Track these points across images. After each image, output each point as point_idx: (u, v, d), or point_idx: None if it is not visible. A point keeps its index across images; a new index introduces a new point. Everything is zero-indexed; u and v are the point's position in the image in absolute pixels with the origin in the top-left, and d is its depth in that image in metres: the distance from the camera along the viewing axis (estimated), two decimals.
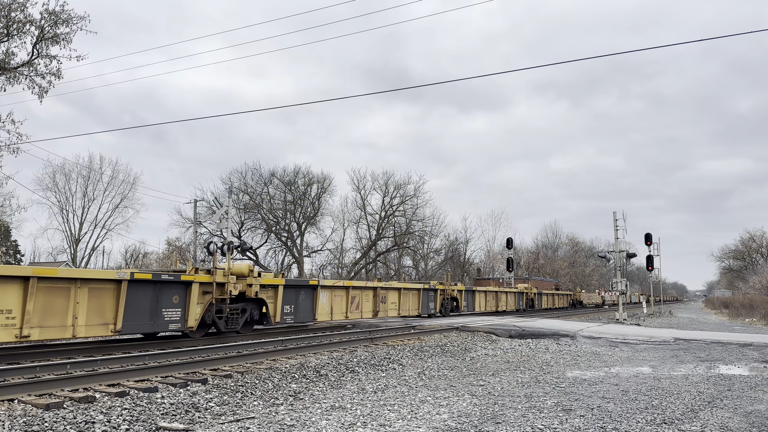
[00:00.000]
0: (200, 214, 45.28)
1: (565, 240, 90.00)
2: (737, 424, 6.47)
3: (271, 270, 49.42)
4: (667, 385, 9.14)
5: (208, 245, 22.43)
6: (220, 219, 34.09)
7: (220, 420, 6.50)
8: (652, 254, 35.22)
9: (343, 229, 55.39)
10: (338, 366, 10.63)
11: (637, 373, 10.64)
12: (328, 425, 6.28)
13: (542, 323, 21.51)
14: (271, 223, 51.26)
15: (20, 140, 21.45)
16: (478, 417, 6.75)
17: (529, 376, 10.17)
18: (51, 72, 21.95)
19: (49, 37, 21.62)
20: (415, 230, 54.94)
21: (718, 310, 57.84)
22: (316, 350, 12.73)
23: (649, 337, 17.09)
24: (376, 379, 9.62)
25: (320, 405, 7.41)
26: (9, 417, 6.24)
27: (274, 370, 9.89)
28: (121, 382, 8.27)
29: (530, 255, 76.39)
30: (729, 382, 9.50)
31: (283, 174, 52.88)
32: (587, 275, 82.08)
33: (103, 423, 6.10)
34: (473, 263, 63.37)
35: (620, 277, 30.68)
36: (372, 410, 7.10)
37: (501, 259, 59.72)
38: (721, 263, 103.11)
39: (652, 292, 53.16)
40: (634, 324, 26.34)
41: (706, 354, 13.77)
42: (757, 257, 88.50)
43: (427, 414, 6.92)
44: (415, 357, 12.45)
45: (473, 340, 16.19)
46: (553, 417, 6.73)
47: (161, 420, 6.40)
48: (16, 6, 20.92)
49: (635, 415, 6.88)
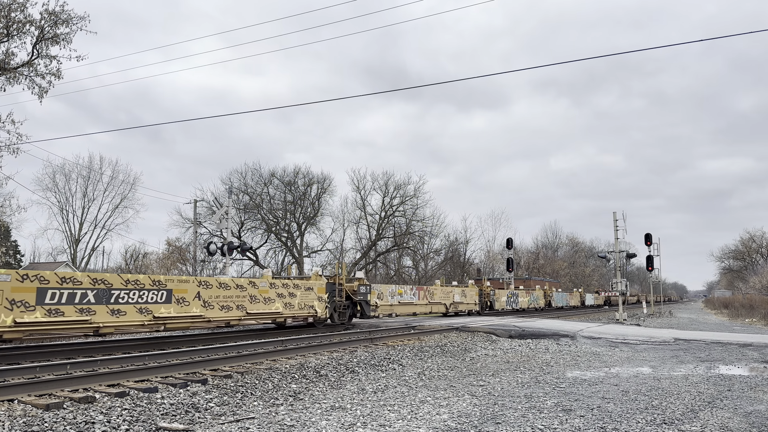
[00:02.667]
0: (200, 215, 45.27)
1: (565, 240, 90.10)
2: (737, 425, 6.47)
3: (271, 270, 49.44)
4: (667, 386, 9.13)
5: (208, 245, 22.41)
6: (220, 219, 34.09)
7: (220, 420, 6.50)
8: (652, 254, 35.18)
9: (343, 229, 55.40)
10: (338, 366, 10.62)
11: (637, 373, 10.64)
12: (328, 425, 6.28)
13: (542, 323, 21.51)
14: (271, 223, 51.26)
15: (20, 140, 21.45)
16: (478, 417, 6.75)
17: (529, 376, 10.17)
18: (51, 72, 21.95)
19: (49, 37, 21.61)
20: (415, 230, 54.95)
21: (718, 310, 57.85)
22: (316, 350, 12.72)
23: (649, 338, 17.09)
24: (376, 380, 9.62)
25: (320, 405, 7.41)
26: (9, 417, 6.24)
27: (274, 370, 9.89)
28: (121, 383, 8.27)
29: (530, 255, 76.39)
30: (729, 383, 9.50)
31: (283, 174, 52.90)
32: (587, 275, 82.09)
33: (103, 423, 6.10)
34: (473, 263, 63.34)
35: (620, 278, 30.67)
36: (372, 410, 7.10)
37: (501, 260, 59.72)
38: (721, 263, 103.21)
39: (652, 292, 53.16)
40: (634, 324, 26.34)
41: (706, 354, 13.77)
42: (757, 257, 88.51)
43: (427, 414, 6.92)
44: (415, 357, 12.45)
45: (473, 341, 16.18)
46: (553, 417, 6.73)
47: (161, 420, 6.39)
48: (16, 6, 20.92)
49: (635, 415, 6.88)
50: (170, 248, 49.62)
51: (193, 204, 41.62)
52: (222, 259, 16.54)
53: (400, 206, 54.45)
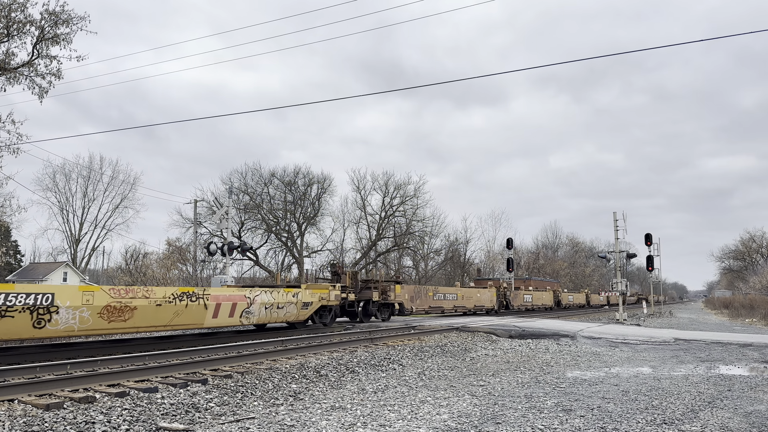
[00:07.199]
0: (200, 215, 45.26)
1: (565, 240, 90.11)
2: (737, 425, 6.47)
3: (272, 270, 49.44)
4: (667, 386, 9.13)
5: (208, 245, 22.42)
6: (221, 219, 34.09)
7: (220, 420, 6.50)
8: (652, 254, 35.12)
9: (343, 229, 55.39)
10: (338, 366, 10.62)
11: (637, 373, 10.64)
12: (329, 425, 6.28)
13: (542, 323, 21.51)
14: (271, 223, 51.25)
15: (20, 140, 21.46)
16: (478, 417, 6.75)
17: (529, 376, 10.17)
18: (51, 72, 21.95)
19: (50, 37, 21.62)
20: (415, 230, 54.94)
21: (718, 310, 57.84)
22: (316, 350, 12.72)
23: (649, 338, 17.09)
24: (376, 380, 9.62)
25: (320, 405, 7.41)
26: (9, 417, 6.24)
27: (274, 370, 9.89)
28: (122, 383, 8.27)
29: (530, 255, 76.40)
30: (729, 383, 9.50)
31: (283, 174, 52.89)
32: (587, 275, 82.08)
33: (103, 423, 6.10)
34: (473, 263, 63.35)
35: (620, 278, 30.67)
36: (372, 410, 7.10)
37: (501, 260, 59.72)
38: (721, 263, 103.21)
39: (652, 293, 53.15)
40: (634, 324, 26.34)
41: (706, 354, 13.77)
42: (757, 257, 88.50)
43: (428, 414, 6.92)
44: (415, 357, 12.45)
45: (473, 341, 16.18)
46: (553, 417, 6.73)
47: (161, 420, 6.40)
48: (17, 6, 20.93)
49: (635, 415, 6.88)
50: (170, 248, 49.61)
51: (193, 204, 41.63)
52: (222, 259, 16.56)
53: (401, 206, 54.47)
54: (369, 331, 17.82)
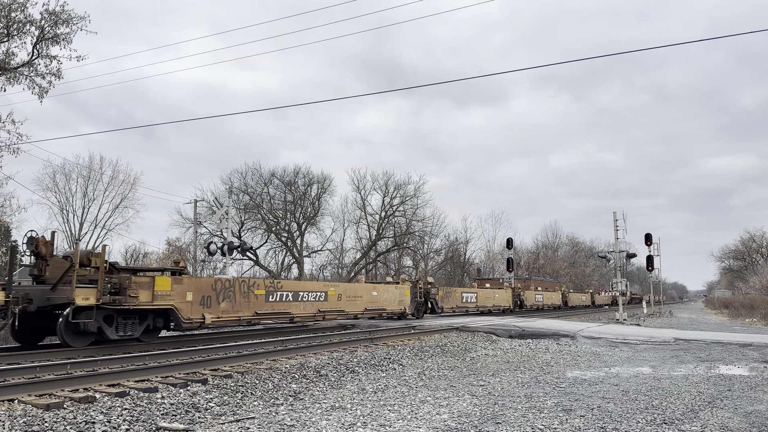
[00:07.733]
0: (200, 214, 45.22)
1: (565, 240, 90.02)
2: (737, 425, 6.47)
3: (272, 270, 49.44)
4: (667, 386, 9.13)
5: (208, 245, 22.41)
6: (221, 219, 34.08)
7: (220, 420, 6.50)
8: (652, 254, 35.09)
9: (343, 229, 55.32)
10: (338, 366, 10.62)
11: (637, 373, 10.64)
12: (329, 425, 6.28)
13: (542, 323, 21.51)
14: (271, 223, 51.23)
15: (20, 140, 21.45)
16: (479, 417, 6.75)
17: (529, 376, 10.17)
18: (51, 72, 21.93)
19: (50, 37, 21.60)
20: (416, 230, 54.87)
21: (718, 310, 57.84)
22: (316, 350, 12.72)
23: (649, 338, 17.08)
24: (376, 380, 9.62)
25: (320, 405, 7.41)
26: (9, 417, 6.24)
27: (274, 370, 9.89)
28: (122, 382, 8.27)
29: (530, 255, 76.36)
30: (729, 383, 9.50)
31: (283, 174, 52.84)
32: (587, 275, 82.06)
33: (103, 423, 6.10)
34: (473, 263, 63.33)
35: (620, 277, 30.66)
36: (372, 410, 7.10)
37: (501, 259, 59.70)
38: (721, 263, 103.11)
39: (652, 292, 53.16)
40: (634, 324, 26.34)
41: (706, 354, 13.77)
42: (757, 257, 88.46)
43: (428, 414, 6.92)
44: (415, 357, 12.45)
45: (473, 341, 16.18)
46: (553, 417, 6.73)
47: (161, 420, 6.40)
48: (16, 6, 20.91)
49: (635, 415, 6.88)
50: (170, 248, 49.63)
51: (193, 204, 41.63)
52: (222, 259, 16.57)
53: (401, 206, 54.40)
54: (369, 331, 17.82)
